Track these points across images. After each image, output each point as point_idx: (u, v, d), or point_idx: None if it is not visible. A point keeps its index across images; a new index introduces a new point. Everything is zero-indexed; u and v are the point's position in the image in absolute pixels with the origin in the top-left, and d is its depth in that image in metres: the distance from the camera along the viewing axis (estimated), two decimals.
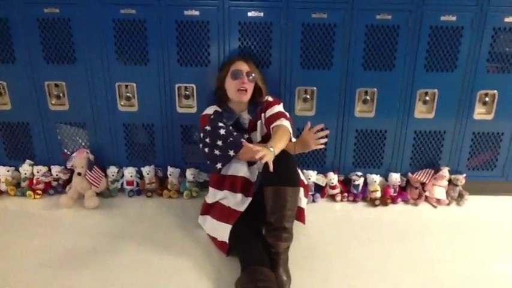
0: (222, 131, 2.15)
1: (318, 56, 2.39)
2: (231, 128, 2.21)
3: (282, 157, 2.02)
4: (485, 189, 2.68)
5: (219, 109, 2.27)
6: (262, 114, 2.28)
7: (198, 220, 2.32)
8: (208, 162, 2.22)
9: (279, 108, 2.28)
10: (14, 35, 2.38)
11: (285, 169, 1.99)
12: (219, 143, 2.14)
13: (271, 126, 2.21)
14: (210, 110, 2.26)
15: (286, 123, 2.19)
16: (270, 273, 1.82)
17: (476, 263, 2.09)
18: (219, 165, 2.17)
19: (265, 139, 2.23)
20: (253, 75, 2.23)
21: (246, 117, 2.30)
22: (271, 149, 1.93)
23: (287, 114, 2.28)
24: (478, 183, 2.65)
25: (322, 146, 2.17)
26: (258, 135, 2.28)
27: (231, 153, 2.13)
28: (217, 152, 2.15)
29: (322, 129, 2.14)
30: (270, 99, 2.31)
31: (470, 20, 2.30)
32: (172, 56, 2.40)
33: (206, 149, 2.18)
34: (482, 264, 2.08)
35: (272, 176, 1.96)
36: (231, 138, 2.14)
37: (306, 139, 2.15)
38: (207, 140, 2.17)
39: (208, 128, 2.18)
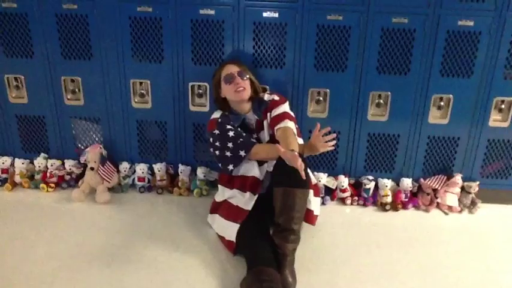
0: (231, 133, 2.15)
1: (332, 58, 2.38)
2: (239, 129, 2.21)
3: None
4: (498, 198, 2.63)
5: (225, 112, 2.28)
6: (268, 114, 2.26)
7: (208, 219, 2.33)
8: (220, 164, 2.23)
9: (284, 108, 2.25)
10: (32, 30, 2.42)
11: (295, 171, 1.98)
12: (229, 145, 2.15)
13: (275, 128, 2.18)
14: (217, 114, 2.27)
15: (290, 124, 2.17)
16: (276, 273, 1.82)
17: (486, 272, 2.06)
18: (230, 167, 2.18)
19: (273, 139, 2.22)
20: (244, 74, 2.22)
21: (251, 117, 2.30)
22: (296, 154, 1.89)
23: (292, 113, 2.25)
24: (492, 192, 2.61)
25: (331, 148, 2.14)
26: (265, 135, 2.27)
27: (242, 153, 2.13)
28: (228, 153, 2.16)
29: (329, 132, 2.12)
30: (276, 98, 2.28)
31: (488, 25, 2.27)
32: (187, 54, 2.42)
33: (217, 152, 2.19)
34: (493, 273, 2.05)
35: (282, 177, 1.97)
36: (241, 139, 2.14)
37: (314, 142, 2.12)
38: (217, 143, 2.18)
39: (217, 131, 2.18)
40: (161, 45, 2.41)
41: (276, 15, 2.32)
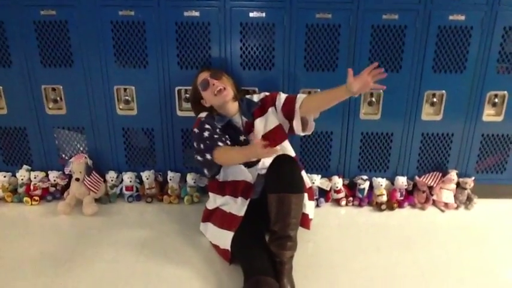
0: (206, 133, 2.07)
1: (323, 57, 2.33)
2: (218, 130, 2.12)
3: (286, 162, 1.96)
4: (494, 193, 2.61)
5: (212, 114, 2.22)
6: (270, 109, 2.18)
7: (200, 227, 2.26)
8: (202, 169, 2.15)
9: (284, 94, 2.19)
10: (10, 38, 2.33)
11: (289, 175, 1.93)
12: (202, 146, 2.06)
13: (296, 108, 2.07)
14: (203, 114, 2.20)
15: (302, 95, 2.12)
16: (275, 283, 1.77)
17: (486, 270, 2.03)
18: (205, 172, 2.11)
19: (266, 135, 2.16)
20: (217, 74, 2.16)
21: (238, 120, 2.22)
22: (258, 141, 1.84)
23: None
24: (487, 187, 2.59)
25: (381, 87, 1.93)
26: (257, 135, 2.18)
27: (208, 156, 2.03)
28: (199, 157, 2.08)
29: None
30: (267, 93, 2.24)
31: (480, 19, 2.23)
32: (172, 58, 2.34)
33: (197, 156, 2.11)
34: (493, 270, 2.02)
35: (276, 183, 1.92)
36: (208, 141, 2.05)
37: (365, 78, 1.89)
38: (195, 144, 2.10)
39: (196, 130, 2.11)
40: (145, 50, 2.33)
41: (263, 15, 2.25)
